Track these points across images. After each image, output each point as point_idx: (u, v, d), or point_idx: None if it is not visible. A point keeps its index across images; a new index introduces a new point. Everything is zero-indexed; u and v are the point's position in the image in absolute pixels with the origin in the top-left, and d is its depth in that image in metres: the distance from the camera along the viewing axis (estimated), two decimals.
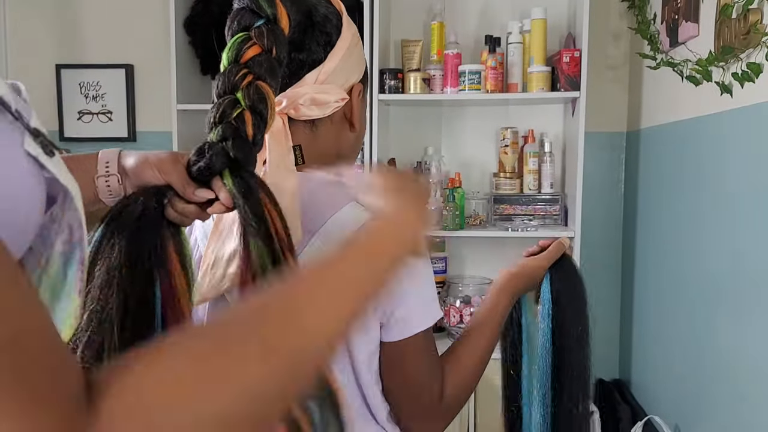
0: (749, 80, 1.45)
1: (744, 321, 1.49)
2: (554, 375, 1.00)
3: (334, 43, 0.82)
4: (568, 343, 1.00)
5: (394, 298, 0.79)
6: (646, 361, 2.22)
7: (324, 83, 0.82)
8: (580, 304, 1.02)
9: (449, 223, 2.23)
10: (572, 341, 1.01)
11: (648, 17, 2.10)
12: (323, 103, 0.82)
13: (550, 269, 1.02)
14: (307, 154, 0.84)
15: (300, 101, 0.81)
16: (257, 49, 0.67)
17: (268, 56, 0.67)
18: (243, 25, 0.68)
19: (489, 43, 2.27)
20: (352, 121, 0.88)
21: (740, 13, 1.46)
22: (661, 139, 2.10)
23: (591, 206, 2.40)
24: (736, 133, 1.55)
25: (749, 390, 1.46)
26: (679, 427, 1.88)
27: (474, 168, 2.53)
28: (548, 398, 1.00)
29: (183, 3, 2.37)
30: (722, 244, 1.61)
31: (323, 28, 0.81)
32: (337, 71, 0.82)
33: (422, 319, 0.81)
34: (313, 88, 0.81)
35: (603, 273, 2.48)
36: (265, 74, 0.66)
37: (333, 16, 0.83)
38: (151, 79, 2.65)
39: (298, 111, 0.81)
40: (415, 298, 0.80)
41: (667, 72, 1.93)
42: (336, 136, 0.87)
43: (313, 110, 0.82)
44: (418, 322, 0.81)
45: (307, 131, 0.84)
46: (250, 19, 0.68)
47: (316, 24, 0.81)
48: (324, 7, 0.83)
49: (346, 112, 0.87)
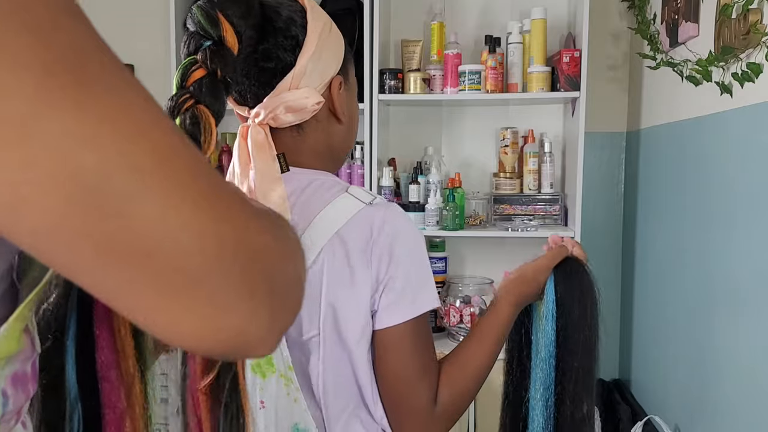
0: (749, 80, 1.44)
1: (744, 321, 1.49)
2: (557, 378, 0.97)
3: (302, 43, 0.81)
4: (573, 346, 0.97)
5: (382, 283, 0.78)
6: (646, 361, 2.22)
7: (299, 87, 0.81)
8: (587, 305, 0.98)
9: (449, 223, 2.23)
10: (577, 344, 0.97)
11: (648, 17, 2.10)
12: (300, 109, 0.82)
13: (555, 270, 0.98)
14: (298, 156, 0.84)
15: (277, 111, 0.81)
16: (201, 72, 0.67)
17: (212, 78, 0.67)
18: (191, 49, 0.69)
19: (489, 43, 2.27)
20: (336, 115, 0.87)
21: (740, 13, 1.46)
22: (661, 139, 2.10)
23: (591, 206, 2.40)
24: (736, 133, 1.55)
25: (749, 390, 1.46)
26: (679, 427, 1.88)
27: (474, 168, 2.53)
28: (551, 401, 0.97)
29: (183, 3, 2.37)
30: (722, 244, 1.61)
31: (287, 32, 0.80)
32: (310, 71, 0.81)
33: (410, 307, 0.79)
34: (287, 96, 0.81)
35: (603, 273, 2.46)
36: (206, 97, 0.66)
37: (297, 15, 0.81)
38: (151, 79, 2.64)
39: (278, 120, 0.82)
40: (403, 282, 0.79)
41: (667, 72, 1.93)
42: (325, 132, 0.87)
43: (291, 117, 0.82)
44: (406, 310, 0.79)
45: (294, 134, 0.85)
46: (198, 41, 0.68)
47: (278, 30, 0.80)
48: (287, 8, 0.81)
49: (330, 107, 0.87)
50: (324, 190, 0.82)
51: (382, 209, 0.81)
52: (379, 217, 0.80)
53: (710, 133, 1.70)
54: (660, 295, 2.07)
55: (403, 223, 0.83)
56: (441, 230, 2.25)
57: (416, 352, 0.81)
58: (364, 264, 0.79)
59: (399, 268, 0.79)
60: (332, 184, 0.84)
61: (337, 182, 0.85)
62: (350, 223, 0.79)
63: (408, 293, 0.79)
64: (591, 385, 0.99)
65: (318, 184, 0.84)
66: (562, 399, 0.97)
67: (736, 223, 1.54)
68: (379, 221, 0.80)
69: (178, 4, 2.33)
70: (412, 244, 0.82)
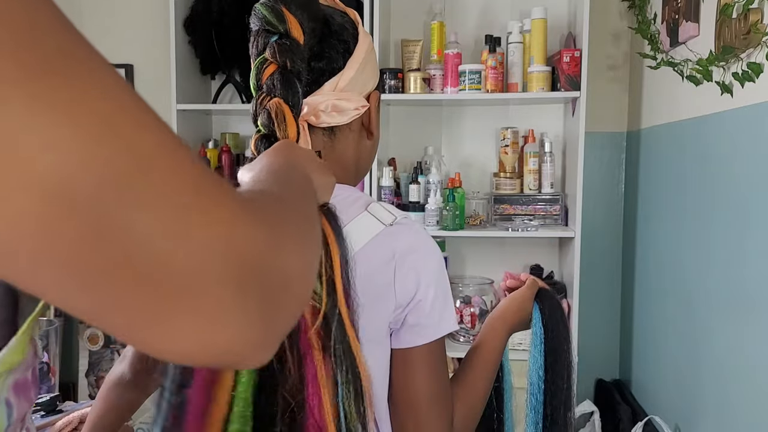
0: (749, 80, 1.44)
1: (744, 321, 1.49)
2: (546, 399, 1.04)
3: (352, 50, 0.82)
4: (558, 368, 1.04)
5: (408, 306, 0.79)
6: (646, 361, 2.22)
7: (343, 90, 0.82)
8: (567, 329, 1.07)
9: (449, 223, 2.23)
10: (561, 365, 1.05)
11: (648, 17, 2.10)
12: (344, 109, 0.82)
13: (536, 299, 1.06)
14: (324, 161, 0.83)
15: (321, 108, 0.81)
16: (272, 68, 0.69)
17: (283, 71, 0.69)
18: (260, 48, 0.71)
19: (489, 42, 2.26)
20: (370, 128, 0.88)
21: (740, 13, 1.46)
22: (661, 139, 2.10)
23: (591, 206, 2.40)
24: (737, 133, 1.55)
25: (749, 390, 1.46)
26: (679, 427, 1.88)
27: (474, 168, 2.53)
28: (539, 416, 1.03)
29: (183, 3, 2.37)
30: (723, 244, 1.61)
31: (341, 36, 0.82)
32: (355, 79, 0.83)
33: (436, 329, 0.81)
34: (333, 95, 0.82)
35: (603, 273, 2.48)
36: (279, 90, 0.68)
37: (349, 26, 0.84)
38: (151, 79, 2.64)
39: (319, 118, 0.82)
40: (430, 305, 0.80)
41: (667, 72, 1.93)
42: (354, 144, 0.87)
43: (333, 117, 0.82)
44: (433, 331, 0.81)
45: (326, 138, 0.84)
46: (265, 38, 0.70)
47: (333, 32, 0.81)
48: (339, 16, 0.84)
49: (364, 120, 0.87)
50: (347, 204, 0.81)
51: (404, 231, 0.81)
52: (402, 240, 0.80)
53: (711, 132, 1.70)
54: (660, 296, 2.07)
55: (427, 244, 0.83)
56: (441, 230, 2.24)
57: (436, 372, 0.82)
58: (383, 285, 0.78)
59: (427, 291, 0.80)
60: (354, 199, 0.83)
61: (359, 196, 0.85)
62: (369, 246, 0.78)
63: (434, 315, 0.81)
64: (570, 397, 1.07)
65: (341, 198, 0.81)
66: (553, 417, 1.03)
67: (736, 223, 1.54)
68: (403, 245, 0.79)
69: (178, 4, 2.32)
70: (437, 265, 0.82)
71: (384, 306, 0.79)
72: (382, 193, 2.28)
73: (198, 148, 2.48)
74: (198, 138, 2.55)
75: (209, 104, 2.55)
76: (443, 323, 0.82)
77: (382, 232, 0.79)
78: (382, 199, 2.28)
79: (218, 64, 2.48)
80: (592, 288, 2.43)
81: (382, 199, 2.29)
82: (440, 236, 2.35)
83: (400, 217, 0.81)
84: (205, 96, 2.59)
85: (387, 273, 0.78)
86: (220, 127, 2.67)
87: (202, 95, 2.55)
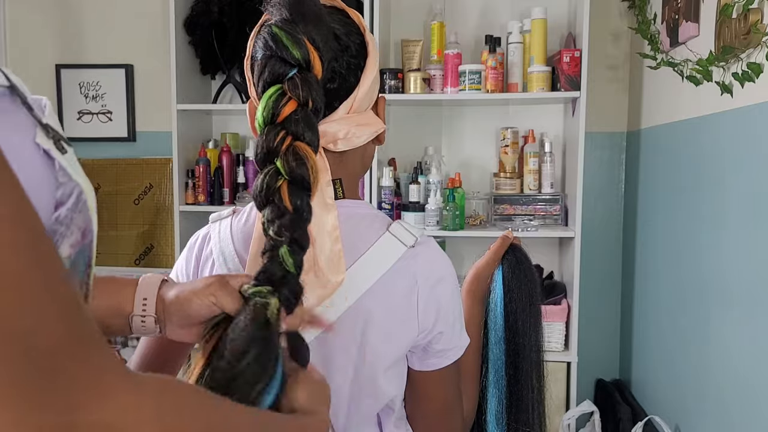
0: (749, 80, 1.44)
1: (744, 320, 1.49)
2: (508, 360, 1.06)
3: (363, 66, 0.77)
4: (522, 328, 1.05)
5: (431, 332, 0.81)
6: (646, 361, 2.22)
7: (357, 111, 0.78)
8: (529, 289, 1.07)
9: (449, 223, 2.23)
10: (525, 325, 1.06)
11: (648, 17, 2.10)
12: (362, 135, 0.78)
13: (502, 261, 1.07)
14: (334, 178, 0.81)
15: (339, 136, 0.77)
16: (293, 105, 0.62)
17: (305, 110, 0.62)
18: (274, 75, 0.63)
19: (489, 43, 2.26)
20: (379, 138, 0.84)
21: (740, 13, 1.46)
22: (661, 139, 2.10)
23: (591, 206, 2.40)
24: (737, 133, 1.55)
25: (749, 390, 1.46)
26: (679, 427, 1.88)
27: (474, 168, 2.53)
28: (503, 382, 1.05)
29: (183, 3, 2.37)
30: (722, 244, 1.61)
31: (351, 52, 0.76)
32: (368, 93, 0.78)
33: (459, 350, 0.86)
34: (351, 121, 0.77)
35: (603, 273, 2.48)
36: (304, 132, 0.62)
37: (355, 35, 0.77)
38: (150, 79, 2.64)
39: (336, 145, 0.78)
40: (451, 329, 0.84)
41: (667, 72, 1.93)
42: (362, 152, 0.84)
43: (351, 141, 0.78)
44: (456, 352, 0.85)
45: (336, 158, 0.80)
46: (281, 67, 0.63)
47: (345, 49, 0.75)
48: (344, 24, 0.77)
49: None
50: (365, 226, 0.80)
51: (424, 253, 0.81)
52: (422, 263, 0.80)
53: (711, 133, 1.70)
54: (660, 295, 2.07)
55: (444, 265, 0.84)
56: (441, 230, 2.25)
57: (456, 381, 0.88)
58: (406, 310, 0.79)
59: (448, 316, 0.83)
60: (373, 219, 0.81)
61: (376, 216, 0.83)
62: (393, 270, 0.78)
63: (455, 338, 0.85)
64: (540, 363, 1.08)
65: (359, 218, 0.81)
66: (515, 376, 1.06)
67: (734, 223, 1.54)
68: (423, 269, 0.80)
69: (178, 4, 2.33)
70: (453, 286, 0.85)
71: (406, 334, 0.80)
72: (382, 193, 2.29)
73: (198, 148, 2.48)
74: (198, 138, 2.55)
75: (209, 104, 2.55)
76: (463, 340, 0.86)
77: (405, 255, 0.79)
78: (382, 199, 2.29)
79: (218, 64, 2.48)
80: (592, 288, 2.43)
81: (382, 199, 2.29)
82: (440, 236, 2.35)
83: (420, 237, 0.81)
84: (205, 96, 2.59)
85: (410, 301, 0.79)
86: (220, 127, 2.67)
87: (202, 95, 2.56)
